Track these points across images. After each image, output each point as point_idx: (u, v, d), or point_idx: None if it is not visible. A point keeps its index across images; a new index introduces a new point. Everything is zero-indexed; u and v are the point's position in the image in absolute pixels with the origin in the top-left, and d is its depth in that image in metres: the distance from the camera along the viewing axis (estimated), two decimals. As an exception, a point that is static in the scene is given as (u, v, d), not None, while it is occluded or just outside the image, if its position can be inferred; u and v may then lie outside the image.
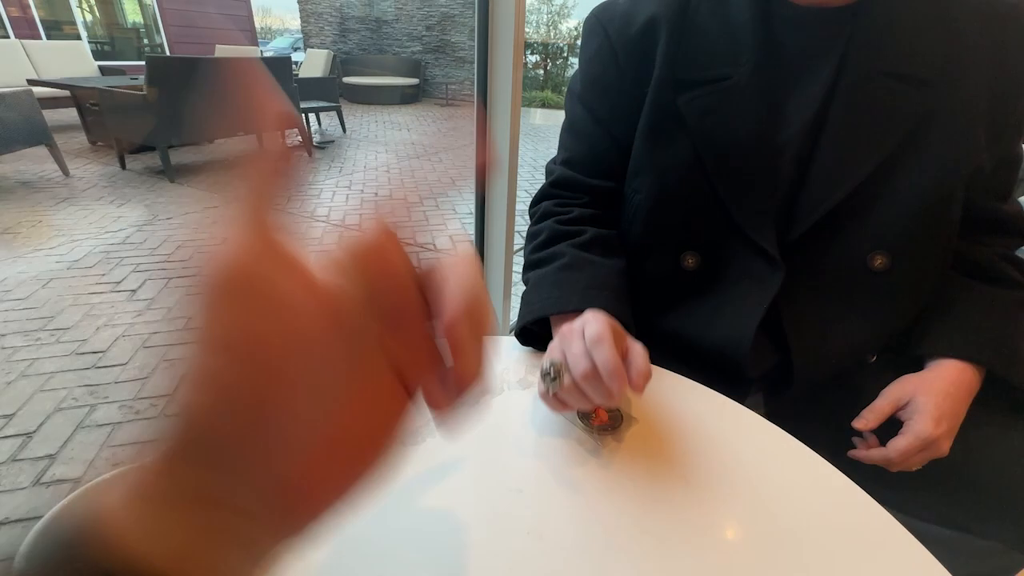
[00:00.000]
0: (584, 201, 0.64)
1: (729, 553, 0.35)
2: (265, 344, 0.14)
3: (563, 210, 0.63)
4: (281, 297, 0.15)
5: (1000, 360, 0.50)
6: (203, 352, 0.15)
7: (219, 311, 0.14)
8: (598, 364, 0.40)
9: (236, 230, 0.15)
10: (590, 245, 0.58)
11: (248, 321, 0.14)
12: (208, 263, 0.15)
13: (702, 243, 0.57)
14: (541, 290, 0.55)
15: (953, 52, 0.48)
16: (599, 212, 0.63)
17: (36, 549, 0.15)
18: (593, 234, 0.59)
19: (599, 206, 0.63)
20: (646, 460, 0.43)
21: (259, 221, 0.15)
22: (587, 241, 0.58)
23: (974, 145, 0.50)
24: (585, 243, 0.58)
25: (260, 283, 0.15)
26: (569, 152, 0.65)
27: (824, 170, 0.51)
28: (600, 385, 0.40)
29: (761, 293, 0.53)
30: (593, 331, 0.41)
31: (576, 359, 0.41)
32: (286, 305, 0.15)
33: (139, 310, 2.00)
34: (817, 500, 0.40)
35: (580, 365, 0.41)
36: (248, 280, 0.15)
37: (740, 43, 0.52)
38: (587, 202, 0.64)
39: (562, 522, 0.37)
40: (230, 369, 0.14)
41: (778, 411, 0.60)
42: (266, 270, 0.15)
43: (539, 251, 0.60)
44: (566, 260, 0.56)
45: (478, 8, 1.11)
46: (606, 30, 0.58)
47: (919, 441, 0.47)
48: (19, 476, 1.24)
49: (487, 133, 1.24)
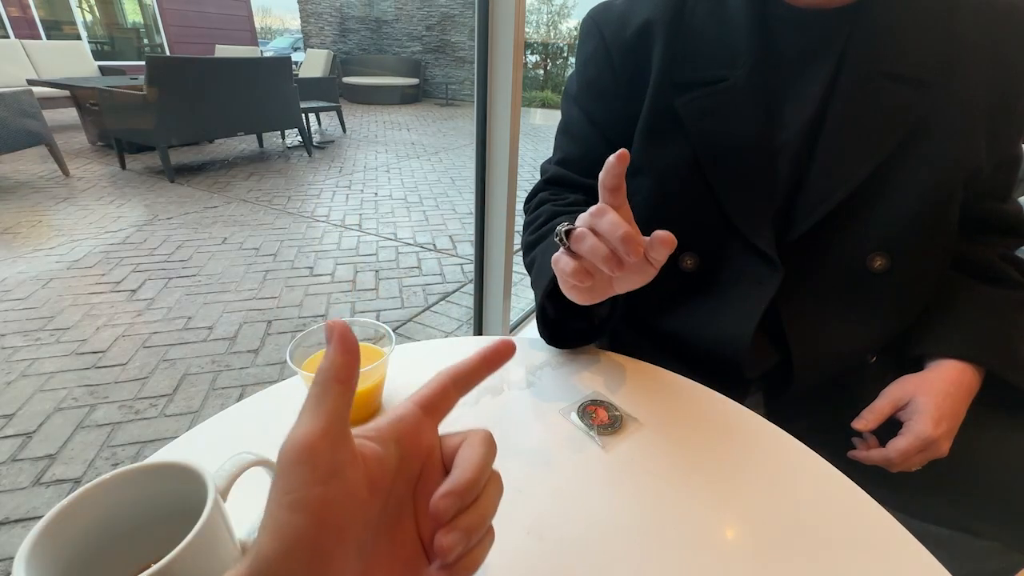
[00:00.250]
0: (580, 195, 0.63)
1: (729, 553, 0.35)
2: (330, 505, 0.18)
3: (559, 198, 0.63)
4: (339, 467, 0.19)
5: (1000, 360, 0.50)
6: (280, 509, 0.18)
7: (295, 478, 0.18)
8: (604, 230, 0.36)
9: (305, 416, 0.19)
10: None
11: (317, 486, 0.18)
12: (287, 441, 0.19)
13: (701, 244, 0.57)
14: (549, 254, 0.51)
15: (952, 52, 0.48)
16: None
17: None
18: None
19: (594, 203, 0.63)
20: (646, 460, 0.43)
21: (322, 409, 0.19)
22: None
23: (973, 145, 0.50)
24: None
25: (324, 456, 0.18)
26: (564, 153, 0.65)
27: (823, 171, 0.51)
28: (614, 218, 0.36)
29: (760, 294, 0.53)
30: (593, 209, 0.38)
31: (593, 213, 0.38)
32: (341, 474, 0.19)
33: (139, 310, 2.01)
34: (817, 500, 0.40)
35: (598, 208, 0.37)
36: (314, 454, 0.18)
37: (737, 45, 0.52)
38: (583, 197, 0.63)
39: (562, 522, 0.37)
40: (303, 524, 0.17)
41: (778, 411, 0.60)
42: (327, 446, 0.19)
43: (540, 229, 0.59)
44: None
45: (478, 8, 1.11)
46: (602, 32, 0.58)
47: (919, 441, 0.47)
48: (19, 476, 1.24)
49: (487, 136, 1.23)
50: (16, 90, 3.23)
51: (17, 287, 2.12)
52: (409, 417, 0.23)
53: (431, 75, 9.95)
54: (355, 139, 5.66)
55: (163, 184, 3.63)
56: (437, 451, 0.24)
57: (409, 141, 5.69)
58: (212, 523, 0.25)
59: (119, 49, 8.46)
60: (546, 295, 0.51)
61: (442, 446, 0.24)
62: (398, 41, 10.20)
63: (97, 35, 8.27)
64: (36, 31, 7.06)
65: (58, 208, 3.04)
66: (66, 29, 7.56)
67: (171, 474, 0.28)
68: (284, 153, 4.81)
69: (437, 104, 9.36)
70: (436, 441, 0.24)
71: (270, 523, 0.18)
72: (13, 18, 6.80)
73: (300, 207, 3.32)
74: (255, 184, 3.77)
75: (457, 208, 3.49)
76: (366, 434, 0.22)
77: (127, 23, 8.64)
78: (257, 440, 0.44)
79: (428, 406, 0.24)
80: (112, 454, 1.33)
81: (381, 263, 2.55)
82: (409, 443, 0.22)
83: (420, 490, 0.23)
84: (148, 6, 8.47)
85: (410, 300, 2.21)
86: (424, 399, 0.24)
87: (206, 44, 8.41)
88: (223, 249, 2.61)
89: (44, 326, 1.86)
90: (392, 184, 3.97)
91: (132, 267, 2.35)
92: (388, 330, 0.47)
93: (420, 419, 0.23)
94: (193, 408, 1.51)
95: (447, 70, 9.88)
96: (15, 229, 2.70)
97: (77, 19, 7.69)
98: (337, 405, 0.19)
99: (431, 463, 0.24)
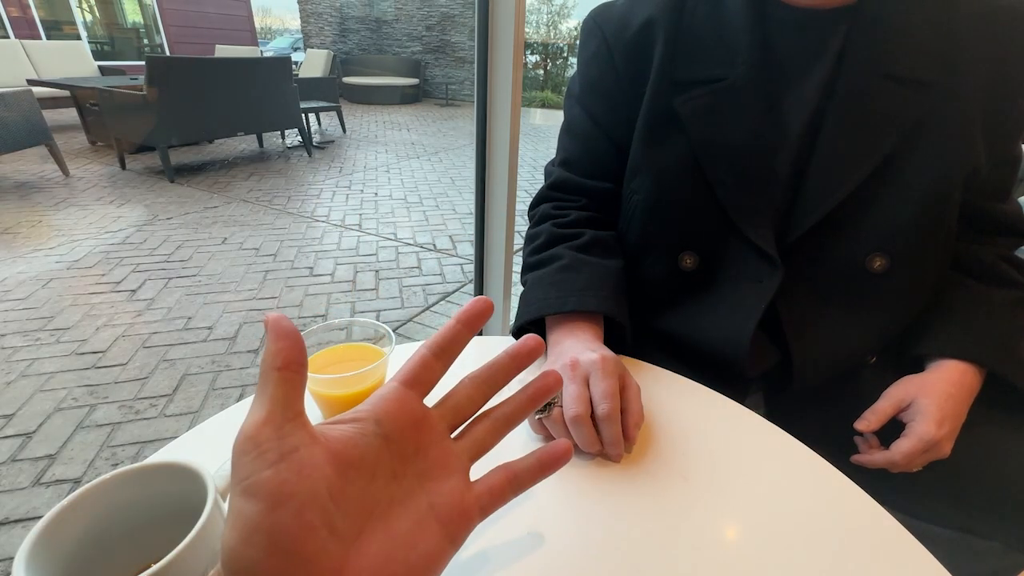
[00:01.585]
0: (582, 203, 0.64)
1: (729, 553, 0.35)
2: (282, 485, 0.18)
3: (561, 213, 0.63)
4: (288, 450, 0.19)
5: (1001, 360, 0.50)
6: (235, 500, 0.18)
7: (244, 468, 0.18)
8: (604, 434, 0.41)
9: (252, 408, 0.20)
10: (588, 247, 0.58)
11: (266, 470, 0.18)
12: (237, 435, 0.19)
13: (700, 243, 0.57)
14: (538, 290, 0.55)
15: (950, 53, 0.48)
16: (597, 215, 0.63)
17: None
18: (591, 236, 0.59)
19: (597, 208, 0.64)
20: (646, 460, 0.43)
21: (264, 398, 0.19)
22: (585, 243, 0.58)
23: (972, 146, 0.50)
24: (583, 245, 0.58)
25: (269, 442, 0.18)
26: (567, 153, 0.66)
27: (822, 172, 0.51)
28: (588, 434, 0.40)
29: (760, 294, 0.53)
30: (601, 388, 0.42)
31: (572, 401, 0.41)
32: (293, 455, 0.19)
33: (139, 310, 2.00)
34: (817, 500, 0.39)
35: (573, 409, 0.41)
36: (259, 441, 0.18)
37: (736, 44, 0.52)
38: (585, 204, 0.64)
39: (562, 522, 0.37)
40: (256, 508, 0.17)
41: (778, 411, 0.60)
42: (271, 431, 0.19)
43: (537, 253, 0.60)
44: (564, 262, 0.56)
45: (478, 8, 1.11)
46: (603, 32, 0.58)
47: (922, 443, 0.47)
48: (19, 476, 1.24)
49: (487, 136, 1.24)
50: (16, 90, 3.23)
51: (17, 287, 2.12)
52: (389, 395, 0.23)
53: (431, 75, 9.95)
54: (355, 139, 5.66)
55: (163, 184, 3.63)
56: (432, 421, 0.24)
57: (409, 141, 5.69)
58: (212, 523, 0.25)
59: (119, 49, 8.46)
60: (518, 328, 0.56)
61: None
62: (398, 41, 10.20)
63: (97, 35, 8.27)
64: (36, 31, 7.06)
65: (58, 208, 3.04)
66: (66, 29, 7.56)
67: (171, 474, 0.28)
68: (284, 153, 4.82)
69: (437, 104, 9.36)
70: (427, 413, 0.24)
71: (230, 516, 0.18)
72: (13, 18, 6.80)
73: (300, 207, 3.32)
74: (255, 184, 3.77)
75: (457, 208, 3.49)
76: (340, 419, 0.22)
77: (127, 23, 8.64)
78: (257, 440, 0.44)
79: (410, 381, 0.24)
80: (112, 454, 1.33)
81: (381, 263, 2.55)
82: (392, 419, 0.22)
83: (433, 460, 0.23)
84: (148, 6, 8.47)
85: (410, 300, 2.21)
86: (405, 375, 0.24)
87: (206, 44, 8.42)
88: (223, 249, 2.61)
89: (44, 326, 1.86)
90: (392, 184, 3.97)
91: (132, 267, 2.35)
92: (388, 330, 0.47)
93: (402, 395, 0.23)
94: (193, 408, 1.51)
95: (447, 70, 9.88)
96: (15, 229, 2.70)
97: (77, 19, 7.69)
98: (278, 391, 0.19)
99: (428, 434, 0.24)
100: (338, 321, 0.49)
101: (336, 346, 0.47)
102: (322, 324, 0.47)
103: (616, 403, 0.41)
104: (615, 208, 0.64)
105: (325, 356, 0.46)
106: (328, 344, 0.47)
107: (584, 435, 0.41)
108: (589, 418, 0.41)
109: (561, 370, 0.44)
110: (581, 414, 0.40)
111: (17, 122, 3.20)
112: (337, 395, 0.43)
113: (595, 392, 0.42)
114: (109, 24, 8.44)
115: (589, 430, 0.41)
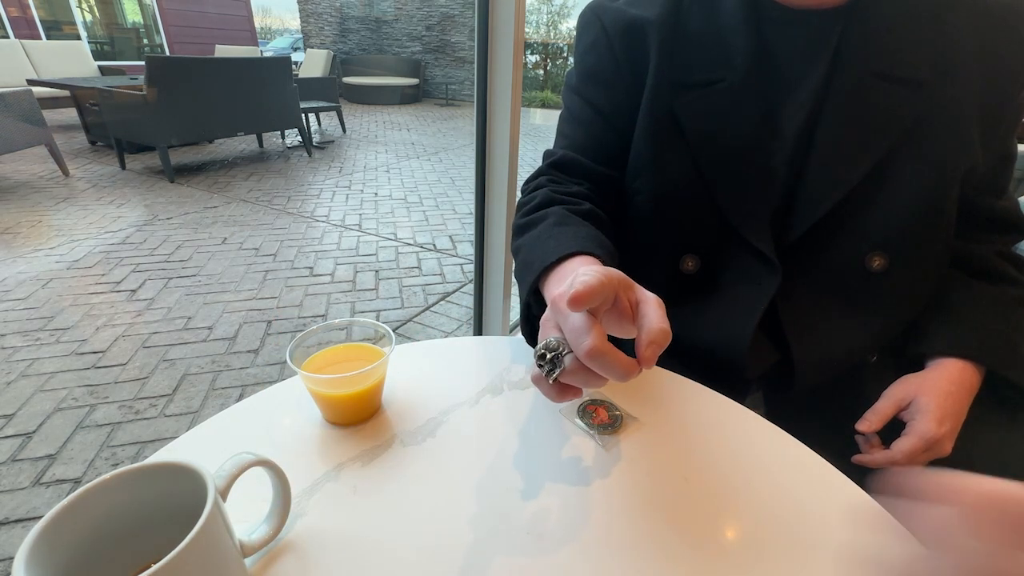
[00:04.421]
0: (584, 186, 0.59)
1: (729, 553, 0.35)
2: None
3: (560, 188, 0.58)
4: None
5: (1001, 358, 0.50)
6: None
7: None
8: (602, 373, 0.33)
9: None
10: (586, 216, 0.52)
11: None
12: None
13: (701, 246, 0.57)
14: (534, 250, 0.47)
15: (945, 51, 0.48)
16: (599, 201, 0.58)
17: None
18: (590, 208, 0.53)
19: (599, 194, 0.59)
20: (646, 460, 0.43)
21: None
22: (584, 211, 0.53)
23: (969, 144, 0.50)
24: (582, 212, 0.52)
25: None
26: (568, 139, 0.62)
27: (819, 172, 0.51)
28: (613, 360, 0.32)
29: (759, 295, 0.53)
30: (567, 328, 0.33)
31: (577, 333, 0.32)
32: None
33: (139, 310, 2.01)
34: (817, 500, 0.40)
35: (584, 340, 0.32)
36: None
37: (732, 46, 0.52)
38: (587, 188, 0.59)
39: (562, 522, 0.37)
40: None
41: (778, 411, 0.60)
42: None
43: (530, 214, 0.54)
44: (559, 218, 0.50)
45: (478, 8, 1.11)
46: (601, 21, 0.57)
47: (923, 442, 0.47)
48: (19, 476, 1.24)
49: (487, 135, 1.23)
50: (16, 90, 3.23)
51: (17, 287, 2.12)
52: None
53: (431, 75, 9.95)
54: (355, 139, 5.66)
55: (163, 184, 3.63)
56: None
57: (409, 141, 5.69)
58: (212, 523, 0.25)
59: (119, 49, 8.46)
60: (531, 292, 0.45)
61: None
62: (398, 41, 10.20)
63: (97, 35, 8.27)
64: (36, 31, 7.06)
65: (58, 208, 3.04)
66: (66, 29, 7.56)
67: (171, 474, 0.28)
68: (284, 153, 4.82)
69: (437, 104, 9.36)
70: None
71: None
72: (13, 18, 6.80)
73: (300, 207, 3.32)
74: (255, 184, 3.77)
75: (457, 208, 3.49)
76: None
77: (127, 23, 8.64)
78: (257, 440, 0.44)
79: None
80: (112, 454, 1.33)
81: (381, 263, 2.55)
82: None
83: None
84: (148, 6, 8.48)
85: (410, 300, 2.21)
86: None
87: (206, 44, 8.42)
88: (223, 249, 2.61)
89: (44, 326, 1.86)
90: (392, 184, 3.97)
91: (132, 267, 2.35)
92: (388, 330, 0.47)
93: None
94: (193, 408, 1.51)
95: (447, 70, 9.88)
96: (15, 229, 2.70)
97: (77, 19, 7.69)
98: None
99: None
100: (338, 321, 0.49)
101: (336, 346, 0.47)
102: (322, 324, 0.47)
103: (589, 337, 0.32)
104: (616, 200, 0.61)
105: (325, 356, 0.46)
106: (328, 344, 0.47)
107: (609, 364, 0.32)
108: (607, 343, 0.32)
109: (551, 310, 0.36)
110: (595, 344, 0.32)
111: (17, 122, 3.20)
112: (337, 395, 0.43)
113: (566, 334, 0.34)
114: (109, 24, 8.44)
115: (613, 356, 0.32)
